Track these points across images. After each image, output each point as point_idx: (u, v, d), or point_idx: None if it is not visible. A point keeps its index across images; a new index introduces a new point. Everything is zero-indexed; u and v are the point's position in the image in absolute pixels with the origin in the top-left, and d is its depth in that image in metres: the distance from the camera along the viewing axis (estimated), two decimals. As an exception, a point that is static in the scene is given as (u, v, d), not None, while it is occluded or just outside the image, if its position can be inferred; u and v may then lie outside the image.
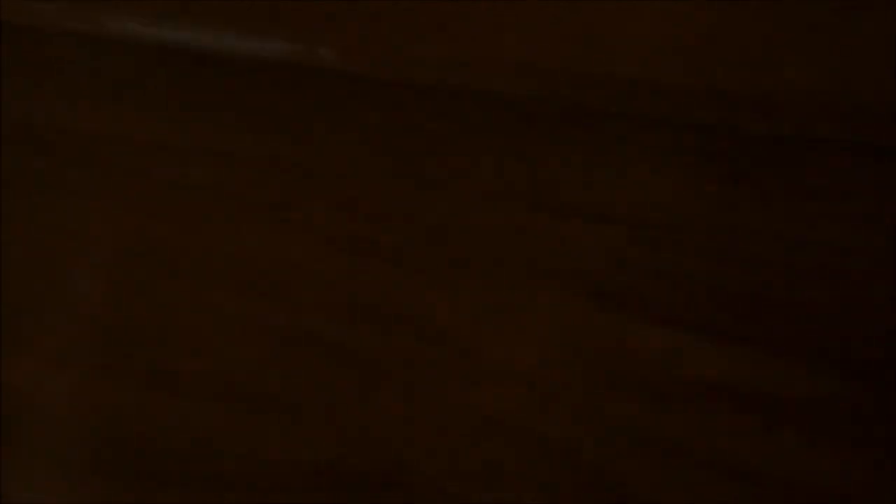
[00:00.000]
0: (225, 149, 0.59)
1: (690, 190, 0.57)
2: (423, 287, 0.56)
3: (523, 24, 0.56)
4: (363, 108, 0.59)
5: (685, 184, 0.57)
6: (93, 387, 0.60)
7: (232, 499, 0.56)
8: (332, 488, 0.57)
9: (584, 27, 0.56)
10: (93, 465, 0.60)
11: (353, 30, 0.57)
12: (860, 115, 0.55)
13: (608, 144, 0.57)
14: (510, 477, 0.56)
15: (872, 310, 0.55)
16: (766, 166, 0.57)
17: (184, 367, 0.57)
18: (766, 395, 0.56)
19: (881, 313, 0.55)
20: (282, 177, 0.57)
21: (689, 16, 0.56)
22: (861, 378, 0.55)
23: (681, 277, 0.56)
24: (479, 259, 0.56)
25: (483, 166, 0.57)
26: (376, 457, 0.56)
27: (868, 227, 0.56)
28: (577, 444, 0.56)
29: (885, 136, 0.55)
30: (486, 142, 0.57)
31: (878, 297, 0.56)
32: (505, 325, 0.56)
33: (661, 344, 0.56)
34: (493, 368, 0.56)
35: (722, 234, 0.56)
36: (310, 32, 0.58)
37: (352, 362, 0.57)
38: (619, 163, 0.56)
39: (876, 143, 0.56)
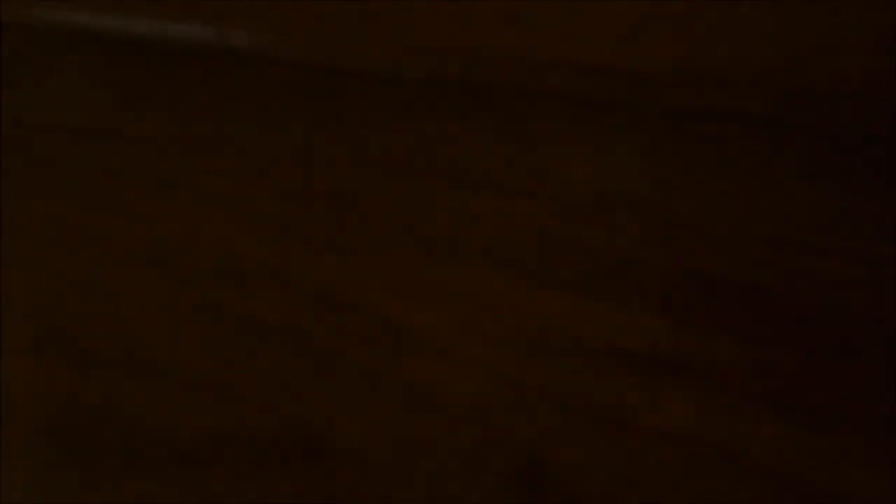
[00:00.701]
0: (155, 133, 0.59)
1: (608, 166, 0.59)
2: (346, 263, 0.57)
3: (443, 7, 0.57)
4: (287, 92, 0.60)
5: (603, 161, 0.59)
6: (33, 369, 0.60)
7: (158, 471, 0.57)
8: (254, 459, 0.56)
9: (509, 8, 0.57)
10: (27, 442, 0.60)
11: (267, 14, 0.57)
12: (762, 91, 0.57)
13: (524, 123, 0.58)
14: (425, 443, 0.57)
15: (772, 280, 0.58)
16: (681, 143, 0.59)
17: (113, 347, 0.57)
18: (665, 358, 0.58)
19: (779, 283, 0.58)
20: (206, 160, 0.58)
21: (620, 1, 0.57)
22: (757, 343, 0.57)
23: (588, 248, 0.58)
24: (394, 233, 0.57)
25: (407, 147, 0.58)
26: (298, 427, 0.57)
27: (771, 197, 0.59)
28: (489, 409, 0.57)
29: (793, 113, 0.57)
30: (409, 123, 0.58)
31: (778, 267, 0.58)
32: (421, 298, 0.56)
33: (571, 311, 0.57)
34: (409, 339, 0.56)
35: (633, 208, 0.58)
36: (222, 16, 0.58)
37: (275, 338, 0.57)
38: (532, 140, 0.58)
39: (781, 120, 0.58)
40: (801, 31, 0.55)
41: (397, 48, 0.58)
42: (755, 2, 0.56)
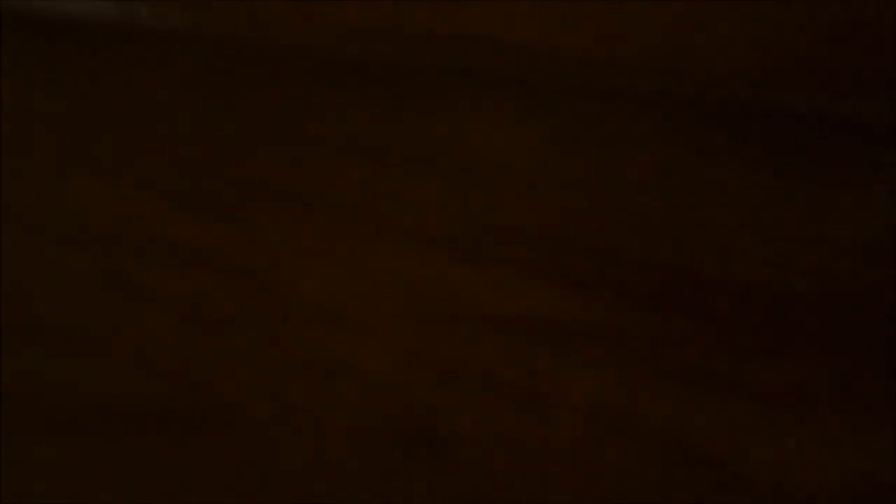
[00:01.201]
0: (55, 109, 0.59)
1: (533, 144, 0.59)
2: (251, 237, 0.57)
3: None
4: (196, 65, 0.60)
5: (529, 138, 0.60)
6: None
7: (56, 442, 0.56)
8: (156, 432, 0.57)
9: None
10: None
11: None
12: (717, 76, 0.59)
13: (438, 98, 0.59)
14: (329, 414, 0.57)
15: (671, 248, 0.59)
16: (605, 122, 0.60)
17: (24, 319, 0.57)
18: (573, 330, 0.58)
19: (694, 259, 0.59)
20: (115, 135, 0.58)
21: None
22: (658, 309, 0.58)
23: (499, 221, 0.59)
24: (305, 207, 0.58)
25: (321, 119, 0.58)
26: (203, 399, 0.57)
27: (693, 179, 0.60)
28: (389, 379, 0.57)
29: (744, 96, 0.59)
30: (323, 95, 0.59)
31: (694, 242, 0.59)
32: (327, 269, 0.57)
33: (478, 282, 0.58)
34: (314, 310, 0.57)
35: (542, 181, 0.59)
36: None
37: (183, 311, 0.57)
38: (445, 114, 0.59)
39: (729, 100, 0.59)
40: (766, 17, 0.57)
41: (316, 23, 0.59)
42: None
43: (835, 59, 0.57)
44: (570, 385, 0.57)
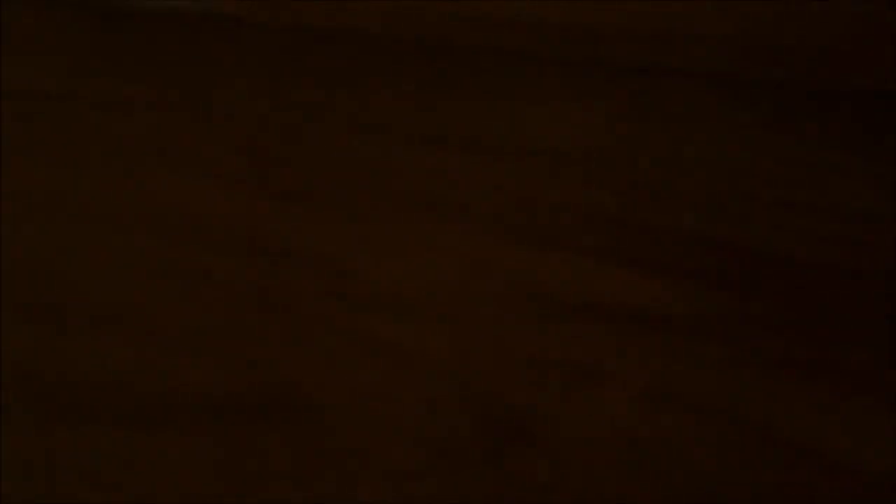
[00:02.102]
0: (124, 97, 0.60)
1: (589, 125, 0.59)
2: (323, 223, 0.57)
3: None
4: (255, 53, 0.60)
5: (584, 119, 0.59)
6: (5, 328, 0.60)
7: (131, 432, 0.56)
8: (227, 418, 0.56)
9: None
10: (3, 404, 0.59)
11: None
12: (731, 48, 0.58)
13: (506, 83, 0.59)
14: (394, 399, 0.57)
15: (749, 235, 0.58)
16: (651, 100, 0.59)
17: (87, 305, 0.58)
18: (642, 314, 0.58)
19: (757, 239, 0.58)
20: (178, 122, 0.58)
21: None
22: (731, 292, 0.58)
23: (560, 205, 0.58)
24: (378, 195, 0.58)
25: (381, 105, 0.59)
26: (270, 388, 0.56)
27: (747, 154, 0.59)
28: (459, 364, 0.57)
29: (765, 69, 0.58)
30: (382, 81, 0.59)
31: (757, 222, 0.59)
32: (404, 257, 0.57)
33: (558, 269, 0.58)
34: (392, 300, 0.57)
35: (605, 165, 0.59)
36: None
37: (252, 296, 0.57)
38: (517, 100, 0.58)
39: (754, 77, 0.59)
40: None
41: (365, 8, 0.59)
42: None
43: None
44: (641, 369, 0.57)
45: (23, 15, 0.56)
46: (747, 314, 0.58)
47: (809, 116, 0.58)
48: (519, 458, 0.55)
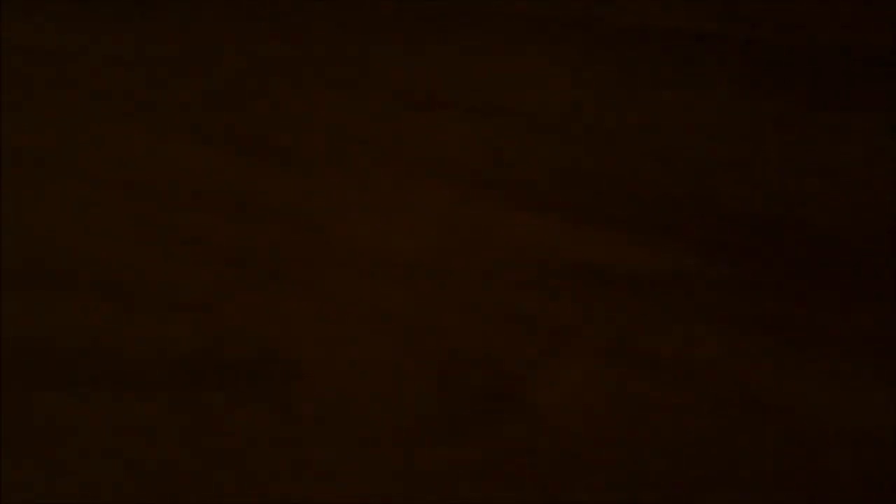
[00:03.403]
0: (96, 52, 0.58)
1: (568, 84, 0.58)
2: (303, 183, 0.56)
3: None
4: (231, 9, 0.59)
5: (563, 79, 0.58)
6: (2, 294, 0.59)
7: (103, 396, 0.56)
8: (211, 381, 0.56)
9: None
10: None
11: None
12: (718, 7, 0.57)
13: (484, 41, 0.58)
14: (388, 367, 0.57)
15: (731, 194, 0.57)
16: (635, 60, 0.58)
17: (56, 266, 0.57)
18: (628, 275, 0.58)
19: (739, 198, 0.57)
20: (152, 77, 0.57)
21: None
22: (720, 255, 0.58)
23: (554, 166, 0.58)
24: (357, 154, 0.57)
25: (359, 63, 0.57)
26: (258, 351, 0.56)
27: (728, 112, 0.58)
28: (456, 331, 0.57)
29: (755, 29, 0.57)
30: (360, 38, 0.57)
31: (738, 182, 0.58)
32: (384, 217, 0.56)
33: (536, 229, 0.57)
34: (372, 261, 0.56)
35: (593, 124, 0.58)
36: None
37: (231, 257, 0.57)
38: (493, 58, 0.57)
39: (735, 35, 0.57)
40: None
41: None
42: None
43: None
44: (637, 333, 0.57)
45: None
46: (729, 275, 0.58)
47: (797, 76, 0.57)
48: (499, 421, 0.56)
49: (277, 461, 0.54)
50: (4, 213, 0.58)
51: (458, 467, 0.54)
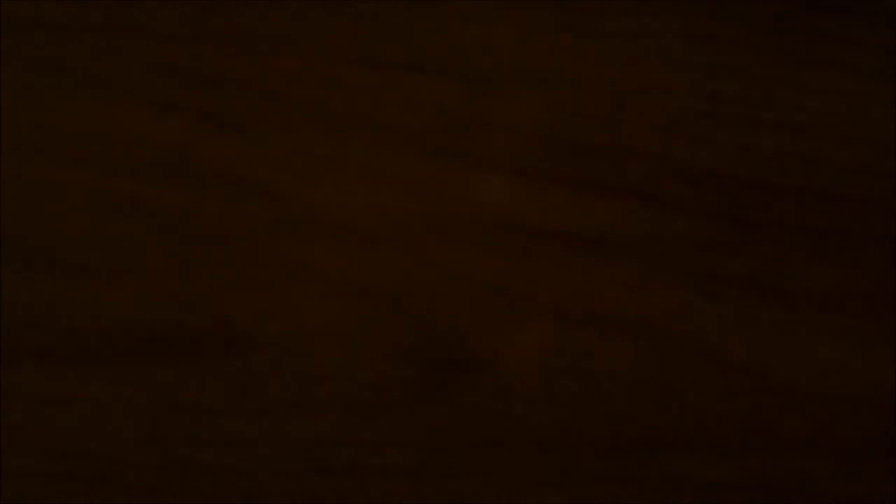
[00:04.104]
0: (47, 18, 0.57)
1: (541, 44, 0.58)
2: (256, 149, 0.56)
3: None
4: None
5: (535, 38, 0.58)
6: None
7: (56, 370, 0.55)
8: (167, 353, 0.55)
9: None
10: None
11: None
12: None
13: (440, 1, 0.57)
14: (346, 334, 0.56)
15: (701, 154, 0.57)
16: (597, 16, 0.58)
17: (3, 235, 0.56)
18: (597, 236, 0.58)
19: (714, 158, 0.57)
20: (103, 43, 0.56)
21: None
22: (682, 214, 0.57)
23: (516, 127, 0.57)
24: (309, 116, 0.56)
25: (317, 26, 0.56)
26: (209, 320, 0.55)
27: (691, 70, 0.58)
28: (416, 296, 0.56)
29: None
30: (314, 1, 0.57)
31: (709, 141, 0.58)
32: (339, 182, 0.56)
33: (502, 191, 0.57)
34: (326, 225, 0.56)
35: (557, 83, 0.57)
36: None
37: (181, 225, 0.56)
38: (450, 17, 0.57)
39: None
40: None
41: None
42: None
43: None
44: (600, 295, 0.57)
45: None
46: (691, 233, 0.58)
47: (782, 31, 0.57)
48: (460, 387, 0.55)
49: (233, 431, 0.53)
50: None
51: (419, 433, 0.54)
